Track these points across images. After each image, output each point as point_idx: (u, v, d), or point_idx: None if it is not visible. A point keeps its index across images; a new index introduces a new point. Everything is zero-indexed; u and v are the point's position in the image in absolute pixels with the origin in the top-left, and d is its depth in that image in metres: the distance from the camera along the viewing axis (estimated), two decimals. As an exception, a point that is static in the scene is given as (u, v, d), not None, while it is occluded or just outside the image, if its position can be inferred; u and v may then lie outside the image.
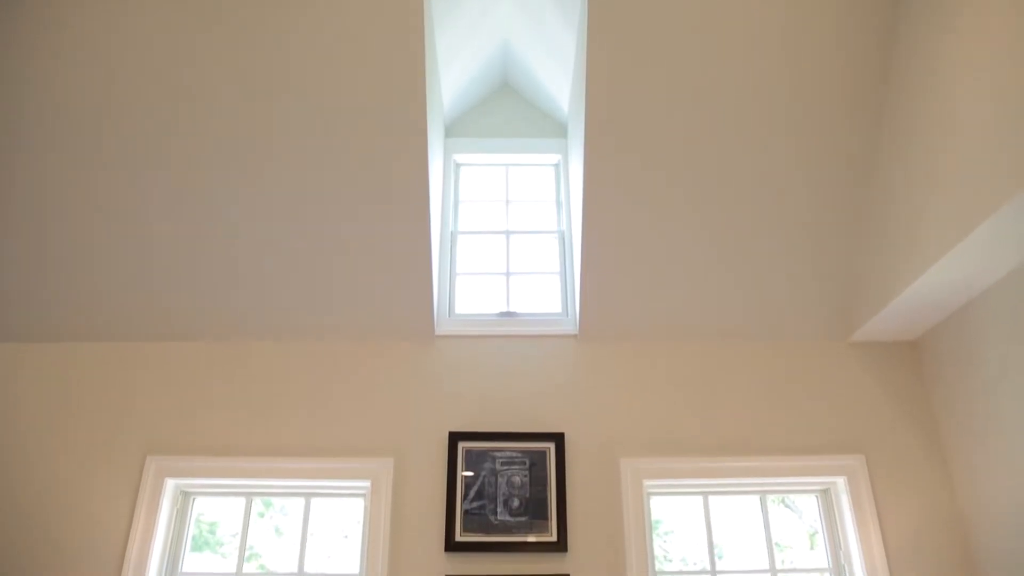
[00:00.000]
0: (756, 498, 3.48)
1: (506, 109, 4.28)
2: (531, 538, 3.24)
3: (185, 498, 3.43)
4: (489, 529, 3.26)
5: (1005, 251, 2.83)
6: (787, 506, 3.54)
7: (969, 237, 2.72)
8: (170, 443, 3.43)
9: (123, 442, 3.42)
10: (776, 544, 3.39)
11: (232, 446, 3.43)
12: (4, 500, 3.30)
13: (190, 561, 3.36)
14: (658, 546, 3.43)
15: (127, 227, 3.43)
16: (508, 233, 4.06)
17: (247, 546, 3.35)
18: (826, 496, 3.48)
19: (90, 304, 3.56)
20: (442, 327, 3.71)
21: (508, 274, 3.96)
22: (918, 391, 3.59)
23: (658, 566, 3.37)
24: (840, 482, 3.40)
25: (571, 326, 3.72)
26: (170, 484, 3.35)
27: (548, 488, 3.33)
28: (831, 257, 3.54)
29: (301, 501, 3.44)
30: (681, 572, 3.39)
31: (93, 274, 3.51)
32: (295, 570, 3.30)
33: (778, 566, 3.35)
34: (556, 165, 4.24)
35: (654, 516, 3.45)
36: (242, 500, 3.44)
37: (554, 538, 3.24)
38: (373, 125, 3.27)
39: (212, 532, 3.46)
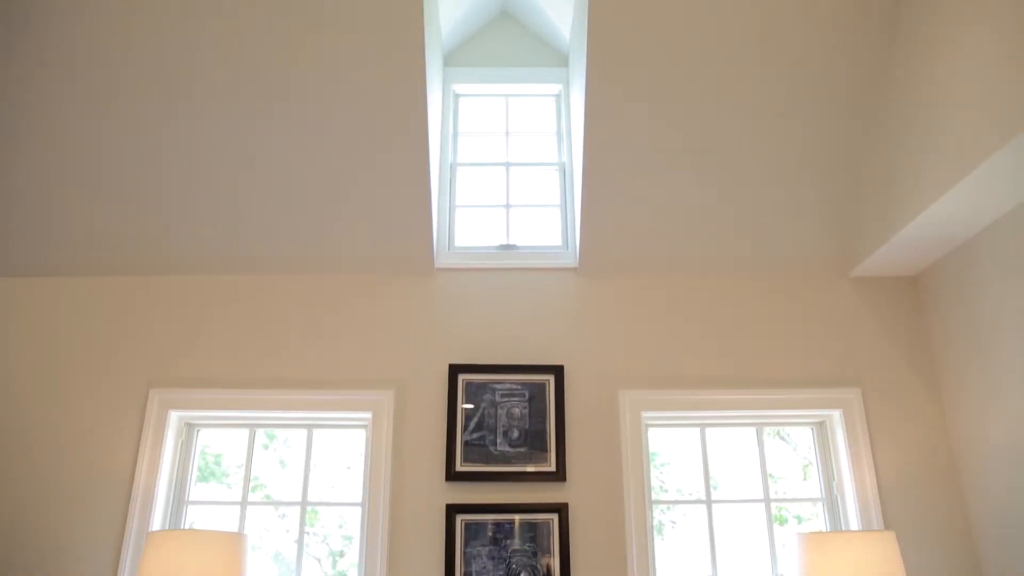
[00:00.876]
0: (752, 430, 3.54)
1: (506, 38, 4.17)
2: (530, 468, 3.30)
3: (189, 430, 3.48)
4: (489, 459, 3.31)
5: (1006, 189, 2.82)
6: (782, 438, 3.60)
7: (971, 175, 2.70)
8: (173, 376, 3.46)
9: (126, 376, 3.45)
10: (770, 475, 3.46)
11: (235, 379, 3.46)
12: (9, 436, 3.35)
13: (196, 491, 3.43)
14: (655, 477, 3.50)
15: (128, 160, 3.38)
16: (508, 165, 4.01)
17: (252, 477, 3.42)
18: (821, 429, 3.53)
19: (92, 238, 3.54)
20: (442, 260, 3.70)
21: (508, 207, 3.93)
22: (916, 326, 3.60)
23: (655, 496, 3.45)
24: (836, 415, 3.45)
25: (571, 259, 3.71)
26: (174, 416, 3.39)
27: (547, 420, 3.38)
28: (832, 192, 3.51)
29: (304, 432, 3.49)
30: (677, 502, 3.47)
31: (94, 207, 3.47)
32: (299, 500, 3.38)
33: (771, 496, 3.42)
34: (557, 96, 4.15)
35: (652, 448, 3.51)
36: (246, 432, 3.49)
37: (553, 468, 3.30)
38: (371, 55, 3.19)
39: (217, 463, 3.52)
